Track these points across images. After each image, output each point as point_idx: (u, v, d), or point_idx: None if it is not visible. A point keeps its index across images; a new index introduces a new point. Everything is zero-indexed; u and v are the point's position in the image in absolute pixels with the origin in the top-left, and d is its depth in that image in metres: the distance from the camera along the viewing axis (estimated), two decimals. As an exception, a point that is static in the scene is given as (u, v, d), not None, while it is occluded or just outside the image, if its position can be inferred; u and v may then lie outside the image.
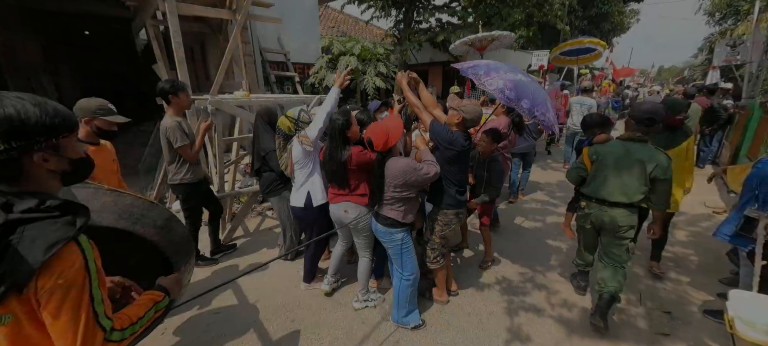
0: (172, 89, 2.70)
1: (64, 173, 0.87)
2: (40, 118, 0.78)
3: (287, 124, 2.59)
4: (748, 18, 10.12)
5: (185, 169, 2.89)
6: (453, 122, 2.24)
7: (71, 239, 0.79)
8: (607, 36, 16.51)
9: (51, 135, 0.80)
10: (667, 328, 2.44)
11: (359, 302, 2.66)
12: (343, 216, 2.38)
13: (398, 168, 2.10)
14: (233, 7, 4.32)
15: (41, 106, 0.79)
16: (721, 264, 3.12)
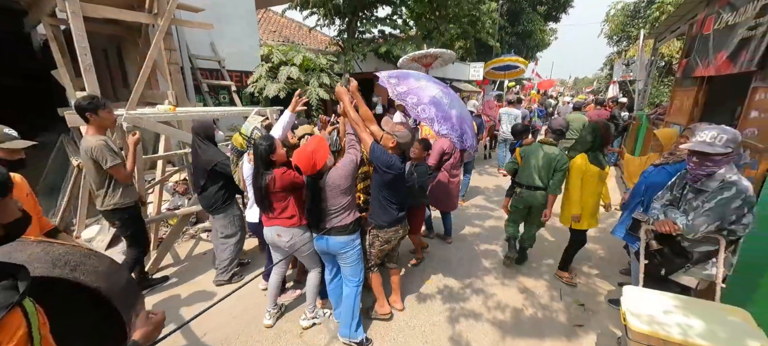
0: (90, 107, 2.38)
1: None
2: None
3: (240, 141, 2.56)
4: (636, 42, 12.17)
5: (119, 192, 2.59)
6: (388, 146, 2.28)
7: (15, 304, 0.71)
8: (532, 51, 18.50)
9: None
10: (581, 319, 2.79)
11: (307, 319, 2.63)
12: (277, 239, 2.34)
13: (342, 175, 2.13)
14: (154, 11, 3.90)
15: None
16: (623, 256, 3.68)
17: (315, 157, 2.04)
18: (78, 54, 3.42)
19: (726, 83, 3.71)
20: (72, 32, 3.36)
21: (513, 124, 4.92)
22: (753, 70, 2.69)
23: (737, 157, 1.85)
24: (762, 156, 2.31)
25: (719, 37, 3.55)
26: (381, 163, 2.24)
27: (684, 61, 4.43)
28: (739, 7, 3.27)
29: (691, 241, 1.93)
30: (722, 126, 1.85)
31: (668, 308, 1.89)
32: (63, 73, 4.07)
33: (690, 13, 4.95)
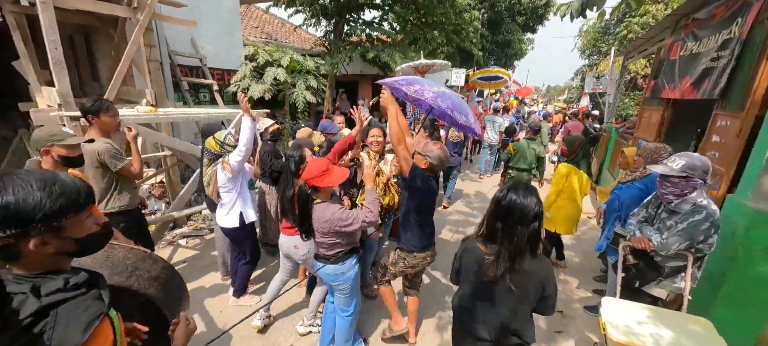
0: (93, 109, 2.30)
1: (71, 252, 0.83)
2: (40, 203, 0.74)
3: (214, 146, 2.50)
4: (606, 57, 12.97)
5: (125, 194, 2.49)
6: (422, 166, 2.16)
7: (104, 315, 0.80)
8: (510, 59, 19.17)
9: (52, 219, 0.76)
10: (560, 325, 2.95)
11: (305, 326, 2.64)
12: (293, 251, 2.35)
13: (324, 217, 1.93)
14: (134, 5, 3.68)
15: (47, 189, 0.76)
16: (597, 263, 3.91)
17: (330, 175, 1.90)
18: (47, 48, 3.18)
19: (689, 106, 4.05)
20: (41, 22, 3.11)
21: (506, 126, 6.62)
22: (715, 99, 2.96)
23: (702, 184, 2.03)
24: (723, 178, 2.55)
25: (684, 64, 3.86)
26: (423, 187, 2.10)
27: (652, 82, 4.78)
28: (702, 38, 3.58)
29: (664, 257, 2.10)
30: (688, 153, 2.04)
31: (642, 319, 2.04)
32: (26, 65, 3.75)
33: (657, 36, 5.35)
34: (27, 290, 0.72)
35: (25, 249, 0.74)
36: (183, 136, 5.06)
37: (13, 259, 0.76)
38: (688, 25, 4.05)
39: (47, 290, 0.75)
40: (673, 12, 4.39)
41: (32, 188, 0.74)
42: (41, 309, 0.71)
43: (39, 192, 0.75)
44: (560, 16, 2.17)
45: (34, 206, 0.73)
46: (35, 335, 0.69)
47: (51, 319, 0.71)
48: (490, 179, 7.51)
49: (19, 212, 0.72)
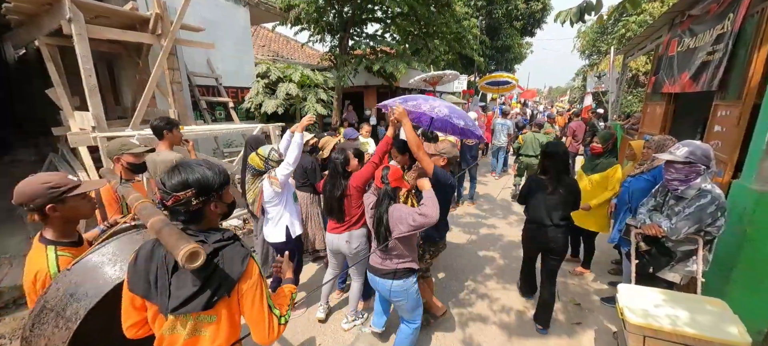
0: (168, 127, 2.70)
1: (223, 214, 1.21)
2: (214, 178, 1.12)
3: (258, 162, 2.57)
4: (606, 57, 13.12)
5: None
6: (440, 164, 2.44)
7: (250, 254, 1.17)
8: (510, 63, 19.44)
9: (219, 190, 1.14)
10: (578, 317, 3.03)
11: (348, 322, 2.82)
12: (344, 246, 2.55)
13: (405, 215, 1.99)
14: (158, 32, 3.95)
15: (213, 169, 1.13)
16: (610, 257, 3.99)
17: (402, 180, 2.15)
18: (83, 75, 3.43)
19: (690, 98, 4.17)
20: (77, 53, 3.36)
21: (512, 126, 7.46)
22: (714, 90, 3.08)
23: (706, 169, 2.14)
24: (726, 165, 2.66)
25: (682, 59, 4.00)
26: (446, 183, 2.33)
27: (653, 78, 4.91)
28: (697, 33, 3.73)
29: (675, 242, 2.21)
30: (692, 141, 2.17)
31: (658, 302, 2.13)
32: (60, 93, 4.01)
33: (655, 34, 5.50)
34: (203, 240, 1.10)
35: (208, 210, 1.14)
36: (202, 150, 5.29)
37: (198, 219, 1.13)
38: (683, 21, 4.20)
39: (213, 239, 1.11)
40: (669, 10, 4.55)
41: (206, 169, 1.11)
42: (213, 251, 1.08)
43: (210, 171, 1.11)
44: (560, 21, 2.34)
45: (211, 180, 1.10)
46: (215, 265, 1.07)
47: (220, 258, 1.10)
48: (499, 182, 7.61)
49: (207, 183, 1.09)
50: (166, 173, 1.09)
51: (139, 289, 1.09)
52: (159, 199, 1.11)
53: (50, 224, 1.35)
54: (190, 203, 1.08)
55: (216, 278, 1.08)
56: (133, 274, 1.11)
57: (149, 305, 1.11)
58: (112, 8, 3.67)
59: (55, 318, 1.14)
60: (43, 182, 1.29)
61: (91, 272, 1.23)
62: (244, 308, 1.17)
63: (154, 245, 1.13)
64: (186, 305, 1.05)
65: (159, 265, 1.09)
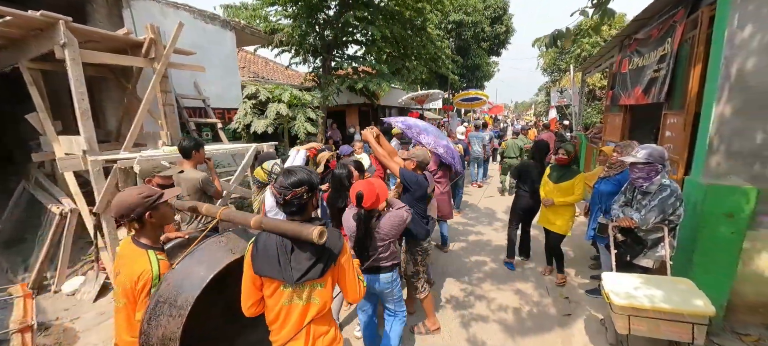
0: (196, 147, 2.88)
1: (315, 207, 1.54)
2: (315, 179, 1.49)
3: (262, 175, 2.77)
4: (566, 74, 14.41)
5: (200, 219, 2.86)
6: (410, 167, 2.78)
7: (342, 234, 1.51)
8: (480, 81, 20.66)
9: (317, 187, 1.50)
10: (568, 309, 3.32)
11: (360, 330, 2.84)
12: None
13: (394, 225, 2.20)
14: (151, 56, 3.97)
15: (313, 173, 1.50)
16: (587, 254, 4.38)
17: (379, 196, 2.14)
18: (75, 99, 3.38)
19: (643, 109, 4.78)
20: (69, 76, 3.33)
21: (489, 137, 8.25)
22: (662, 102, 3.62)
23: (663, 168, 2.55)
24: (678, 164, 3.12)
25: (634, 75, 4.62)
26: (412, 182, 2.62)
27: (610, 93, 5.56)
28: (644, 54, 4.35)
29: (645, 231, 2.56)
30: (650, 145, 2.57)
31: (637, 285, 2.45)
32: (44, 118, 3.87)
33: (607, 54, 6.25)
34: None
35: (309, 204, 1.48)
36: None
37: (302, 211, 1.46)
38: (631, 44, 4.86)
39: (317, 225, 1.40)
40: (617, 34, 5.24)
41: (310, 172, 1.49)
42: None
43: (313, 174, 1.49)
44: (538, 46, 2.72)
45: (315, 180, 1.47)
46: (323, 243, 1.31)
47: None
48: (480, 191, 8.02)
49: (312, 183, 1.46)
50: (282, 174, 1.48)
51: (265, 270, 1.38)
52: (275, 195, 1.46)
53: (145, 230, 1.55)
54: (302, 198, 1.42)
55: (325, 253, 1.39)
56: (256, 260, 1.39)
57: (268, 283, 1.41)
58: (105, 33, 3.67)
59: (169, 308, 1.33)
60: (138, 194, 1.51)
61: (188, 271, 1.44)
62: (340, 275, 1.50)
63: (266, 237, 1.41)
64: (306, 275, 1.36)
65: (279, 249, 1.38)
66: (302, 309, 1.41)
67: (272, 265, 1.37)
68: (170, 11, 5.28)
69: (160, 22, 4.95)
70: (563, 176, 3.51)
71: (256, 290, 1.43)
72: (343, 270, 1.49)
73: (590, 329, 3.04)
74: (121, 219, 1.51)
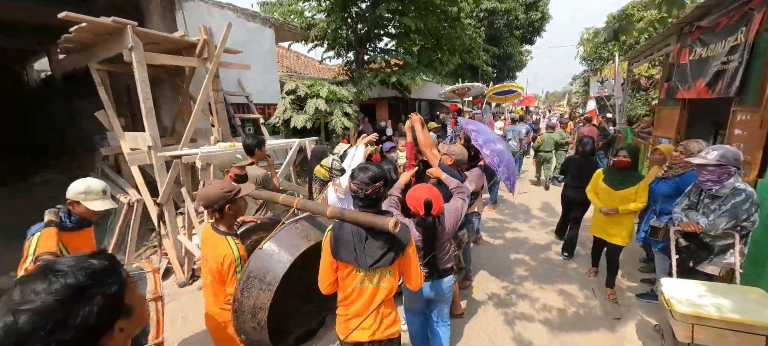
0: (259, 145, 3.13)
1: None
2: (387, 174, 1.71)
3: (323, 173, 2.86)
4: (609, 63, 13.52)
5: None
6: (448, 163, 2.81)
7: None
8: (512, 72, 19.90)
9: (389, 181, 1.75)
10: (617, 313, 3.21)
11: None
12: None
13: (455, 217, 2.15)
14: (204, 56, 4.21)
15: (383, 169, 1.70)
16: (633, 255, 4.18)
17: (439, 200, 1.98)
18: (141, 99, 3.67)
19: (704, 103, 4.42)
20: (136, 77, 3.61)
21: (525, 130, 8.15)
22: (731, 97, 3.33)
23: (736, 170, 2.37)
24: (751, 165, 2.89)
25: (695, 67, 4.27)
26: (450, 176, 2.63)
27: (665, 85, 5.18)
28: (709, 44, 4.00)
29: (712, 237, 2.42)
30: (722, 146, 2.40)
31: (701, 293, 2.33)
32: (111, 115, 4.24)
33: (662, 42, 5.80)
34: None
35: (383, 194, 1.67)
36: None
37: (375, 204, 1.64)
38: (693, 32, 4.48)
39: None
40: (678, 21, 4.84)
41: (383, 168, 1.68)
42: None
43: (385, 170, 1.72)
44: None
45: (389, 176, 1.68)
46: (394, 234, 1.46)
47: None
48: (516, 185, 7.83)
49: (387, 177, 1.65)
50: (359, 170, 1.64)
51: (342, 255, 1.54)
52: (354, 189, 1.61)
53: (225, 220, 1.75)
54: (379, 192, 1.60)
55: (396, 243, 1.54)
56: (334, 246, 1.56)
57: (343, 266, 1.57)
58: (164, 35, 3.94)
59: (259, 283, 1.54)
60: (221, 189, 1.71)
61: (272, 254, 1.63)
62: (406, 264, 1.62)
63: (341, 226, 1.57)
64: (379, 262, 1.52)
65: (354, 237, 1.54)
66: (372, 292, 1.59)
67: (349, 251, 1.54)
68: (216, 11, 5.54)
69: (208, 22, 5.20)
70: (624, 181, 3.14)
71: (332, 272, 1.60)
72: (409, 259, 1.62)
73: (642, 334, 2.94)
74: (205, 208, 1.76)
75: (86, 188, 1.93)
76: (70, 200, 1.92)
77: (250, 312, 1.53)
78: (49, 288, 0.61)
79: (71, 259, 0.68)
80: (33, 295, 0.60)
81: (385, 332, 1.64)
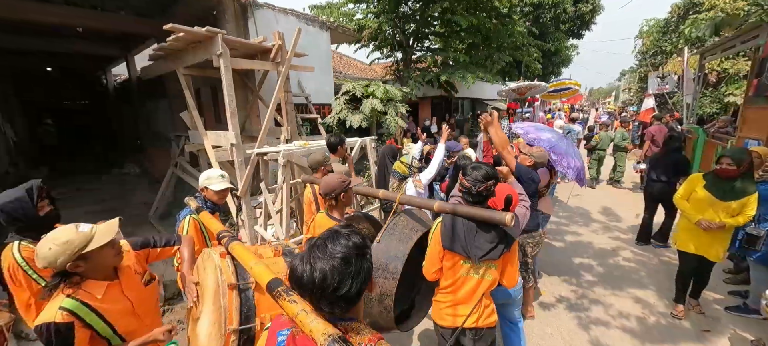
0: (340, 143, 3.28)
1: None
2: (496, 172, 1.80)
3: (403, 169, 3.04)
4: (672, 57, 12.44)
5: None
6: (527, 163, 2.80)
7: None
8: (558, 67, 18.92)
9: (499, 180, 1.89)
10: (705, 325, 3.02)
11: None
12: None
13: (521, 215, 2.17)
14: (277, 60, 4.52)
15: (492, 166, 1.76)
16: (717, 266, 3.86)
17: (517, 198, 2.15)
18: (226, 101, 4.03)
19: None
20: (222, 81, 3.96)
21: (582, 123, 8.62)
22: None
23: None
24: None
25: (797, 61, 3.86)
26: (526, 177, 2.59)
27: (755, 81, 4.72)
28: (817, 34, 3.60)
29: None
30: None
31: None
32: (195, 116, 4.69)
33: (748, 34, 5.27)
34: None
35: (492, 192, 1.71)
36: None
37: (484, 201, 1.70)
38: (794, 22, 4.05)
39: None
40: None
41: (491, 166, 1.73)
42: None
43: (494, 168, 1.76)
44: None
45: (496, 173, 1.72)
46: (503, 229, 1.58)
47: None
48: (567, 187, 7.51)
49: (496, 176, 1.71)
50: (472, 168, 1.71)
51: (452, 246, 1.64)
52: (467, 186, 1.67)
53: (338, 207, 1.98)
54: (490, 189, 1.68)
55: (505, 238, 1.62)
56: (445, 237, 1.67)
57: (449, 256, 1.68)
58: (245, 42, 4.30)
59: (383, 272, 1.69)
60: (339, 179, 1.94)
61: (390, 245, 1.77)
62: (509, 260, 1.70)
63: (452, 219, 1.67)
64: (488, 255, 1.60)
65: (466, 230, 1.63)
66: (476, 283, 1.69)
67: (458, 243, 1.65)
68: (282, 17, 5.90)
69: (275, 28, 5.55)
70: (731, 192, 2.71)
71: (439, 261, 1.73)
72: (513, 256, 1.70)
73: (738, 350, 2.75)
74: (325, 196, 1.95)
75: (207, 176, 2.24)
76: (201, 187, 2.20)
77: (377, 299, 1.68)
78: (347, 243, 0.85)
79: (347, 229, 0.90)
80: (339, 247, 0.83)
81: (486, 321, 1.76)
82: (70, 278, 1.26)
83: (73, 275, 1.27)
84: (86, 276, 1.30)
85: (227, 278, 1.24)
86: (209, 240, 2.15)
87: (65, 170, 9.07)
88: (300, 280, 0.82)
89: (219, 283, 1.23)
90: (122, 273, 1.45)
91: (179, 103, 6.19)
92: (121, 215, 1.82)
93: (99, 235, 1.30)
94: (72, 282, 1.27)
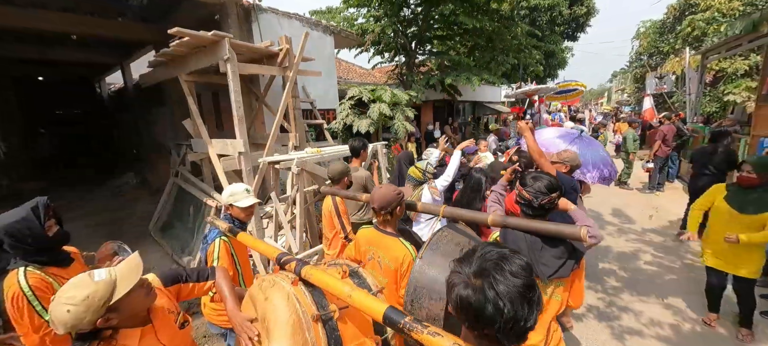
0: (363, 147, 3.27)
1: None
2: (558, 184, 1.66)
3: (418, 174, 2.89)
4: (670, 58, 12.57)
5: (365, 210, 3.23)
6: (563, 171, 2.67)
7: None
8: (554, 70, 19.03)
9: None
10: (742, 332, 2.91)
11: None
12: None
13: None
14: (285, 65, 4.37)
15: (555, 178, 1.62)
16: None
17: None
18: (233, 108, 3.86)
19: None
20: (229, 88, 3.80)
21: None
22: None
23: None
24: None
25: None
26: (569, 186, 2.52)
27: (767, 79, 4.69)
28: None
29: None
30: None
31: None
32: (199, 123, 4.50)
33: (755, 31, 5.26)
34: None
35: (555, 205, 1.59)
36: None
37: (545, 214, 1.56)
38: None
39: None
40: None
41: (554, 177, 1.60)
42: None
43: (557, 179, 1.61)
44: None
45: (560, 184, 1.59)
46: (571, 243, 1.43)
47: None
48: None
49: (560, 187, 1.58)
50: (533, 179, 1.57)
51: None
52: (527, 198, 1.54)
53: (391, 221, 1.84)
54: (554, 202, 1.53)
55: (574, 252, 1.45)
56: None
57: None
58: (251, 46, 4.14)
59: (429, 292, 1.47)
60: (395, 192, 1.81)
61: (434, 262, 1.56)
62: (578, 277, 1.54)
63: (511, 233, 1.54)
64: (557, 272, 1.43)
65: (528, 244, 1.48)
66: (544, 305, 1.49)
67: None
68: (285, 21, 5.77)
69: (279, 32, 5.41)
70: (753, 203, 2.52)
71: None
72: (581, 272, 1.55)
73: (781, 357, 2.63)
74: (380, 211, 1.80)
75: (232, 193, 2.04)
76: (226, 205, 2.02)
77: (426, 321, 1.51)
78: (521, 263, 0.81)
79: (499, 246, 0.85)
80: (515, 268, 0.78)
81: None
82: (101, 333, 1.07)
83: (105, 329, 1.07)
84: (120, 327, 1.11)
85: (308, 309, 1.08)
86: (239, 265, 1.94)
87: (60, 182, 8.77)
88: (481, 312, 0.75)
89: (299, 315, 1.05)
90: (155, 316, 1.24)
91: (180, 111, 6.00)
92: (120, 227, 1.62)
93: (122, 278, 1.09)
94: (104, 338, 1.07)
